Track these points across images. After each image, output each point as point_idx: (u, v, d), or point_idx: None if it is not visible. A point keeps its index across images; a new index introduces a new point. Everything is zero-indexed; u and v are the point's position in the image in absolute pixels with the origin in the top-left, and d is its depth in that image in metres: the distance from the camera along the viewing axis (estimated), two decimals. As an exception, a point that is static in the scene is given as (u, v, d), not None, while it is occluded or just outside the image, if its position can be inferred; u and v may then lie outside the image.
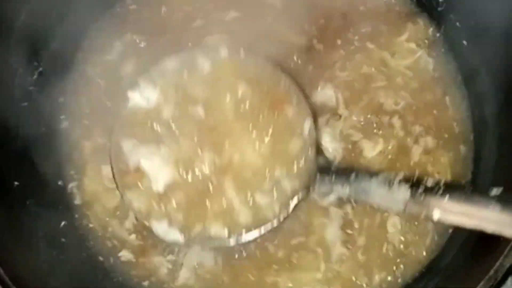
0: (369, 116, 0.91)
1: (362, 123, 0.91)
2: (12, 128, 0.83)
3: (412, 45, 0.94)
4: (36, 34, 0.87)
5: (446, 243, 0.87)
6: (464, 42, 0.91)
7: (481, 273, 0.70)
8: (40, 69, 0.89)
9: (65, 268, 0.82)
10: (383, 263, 0.87)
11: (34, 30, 0.86)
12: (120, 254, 0.88)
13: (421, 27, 0.95)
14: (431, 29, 0.95)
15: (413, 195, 0.73)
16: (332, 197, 0.82)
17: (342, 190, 0.78)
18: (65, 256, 0.84)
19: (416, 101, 0.92)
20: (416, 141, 0.90)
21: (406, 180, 0.74)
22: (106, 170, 0.88)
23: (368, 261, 0.86)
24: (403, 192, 0.74)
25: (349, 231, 0.87)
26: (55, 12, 0.89)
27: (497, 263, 0.69)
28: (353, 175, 0.78)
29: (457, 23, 0.91)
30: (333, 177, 0.79)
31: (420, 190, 0.73)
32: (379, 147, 0.89)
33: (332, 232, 0.86)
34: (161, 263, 0.88)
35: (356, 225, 0.87)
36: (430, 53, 0.94)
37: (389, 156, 0.90)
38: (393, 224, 0.87)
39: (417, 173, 0.87)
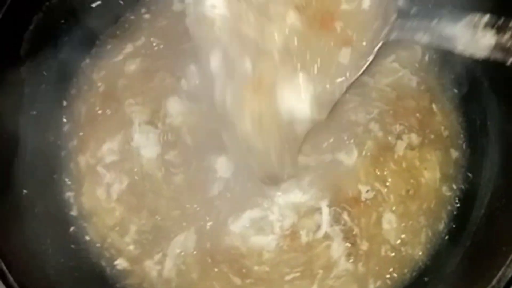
0: (338, 135, 0.88)
1: (331, 141, 0.88)
2: (21, 137, 0.84)
3: (395, 65, 0.92)
4: (45, 43, 0.89)
5: (443, 244, 0.87)
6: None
7: (484, 283, 0.70)
8: (49, 77, 0.90)
9: (73, 275, 0.83)
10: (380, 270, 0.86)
11: (43, 40, 0.87)
12: (116, 262, 0.87)
13: (417, 52, 0.93)
14: (427, 55, 0.93)
15: (499, 40, 0.66)
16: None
17: (423, 36, 0.72)
18: (74, 262, 0.84)
19: (393, 107, 0.90)
20: (399, 137, 0.89)
21: (491, 24, 0.67)
22: (100, 191, 0.88)
23: (366, 272, 0.85)
24: (488, 38, 0.67)
25: (351, 241, 0.85)
26: (64, 21, 0.91)
27: (500, 273, 0.69)
28: (435, 20, 0.70)
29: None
30: (414, 22, 0.72)
31: (507, 35, 0.66)
32: (355, 153, 0.88)
33: (336, 249, 0.85)
34: (150, 268, 0.86)
35: (355, 231, 0.85)
36: (416, 72, 0.92)
37: (368, 153, 0.88)
38: (388, 221, 0.87)
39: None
